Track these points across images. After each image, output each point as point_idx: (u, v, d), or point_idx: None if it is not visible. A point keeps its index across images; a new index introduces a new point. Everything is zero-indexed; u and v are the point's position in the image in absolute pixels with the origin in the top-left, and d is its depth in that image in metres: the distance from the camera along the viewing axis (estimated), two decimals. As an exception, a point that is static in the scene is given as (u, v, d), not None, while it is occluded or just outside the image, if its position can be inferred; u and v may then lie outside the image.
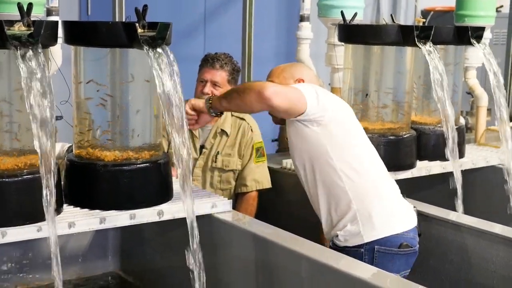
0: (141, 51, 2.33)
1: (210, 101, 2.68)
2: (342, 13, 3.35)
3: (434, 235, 3.00)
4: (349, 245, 2.60)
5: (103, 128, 2.59)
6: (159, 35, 2.34)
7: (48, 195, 2.10)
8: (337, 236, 2.64)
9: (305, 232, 2.67)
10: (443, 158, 3.49)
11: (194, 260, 2.35)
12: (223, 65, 3.41)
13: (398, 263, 2.63)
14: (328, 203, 2.67)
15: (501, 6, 5.90)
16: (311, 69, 3.05)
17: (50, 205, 2.10)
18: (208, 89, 3.38)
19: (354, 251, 2.57)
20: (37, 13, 2.66)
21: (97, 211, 2.47)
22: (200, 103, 2.71)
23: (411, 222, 2.72)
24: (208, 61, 3.42)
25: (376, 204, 2.64)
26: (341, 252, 2.51)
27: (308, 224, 3.07)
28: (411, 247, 2.66)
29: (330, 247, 2.65)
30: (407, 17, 7.36)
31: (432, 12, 6.94)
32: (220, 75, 3.40)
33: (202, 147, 3.47)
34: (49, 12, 3.08)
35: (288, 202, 3.52)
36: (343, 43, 3.47)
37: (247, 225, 2.64)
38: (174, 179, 2.72)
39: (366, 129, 2.97)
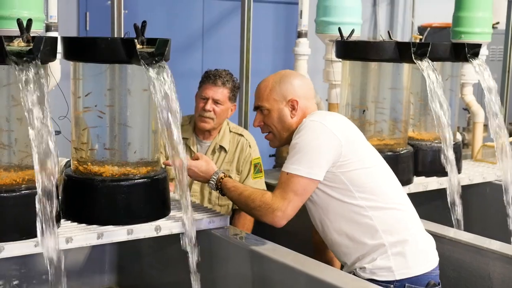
0: (140, 66, 2.34)
1: (220, 184, 2.62)
2: (339, 29, 3.38)
3: (431, 251, 3.00)
4: (377, 278, 2.49)
5: (101, 144, 2.60)
6: (158, 51, 2.36)
7: (46, 210, 2.10)
8: (362, 268, 2.53)
9: (302, 247, 2.67)
10: (440, 174, 3.52)
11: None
12: (225, 83, 3.41)
13: None
14: (354, 237, 2.54)
15: (497, 23, 5.94)
16: (302, 77, 2.74)
17: (48, 220, 2.11)
18: (209, 106, 3.38)
19: (382, 286, 2.46)
20: (37, 29, 2.68)
21: (95, 226, 2.47)
22: (210, 168, 2.66)
23: (436, 258, 2.65)
24: (210, 78, 3.42)
25: (408, 239, 2.54)
26: None
27: (305, 240, 3.08)
28: (437, 286, 2.58)
29: None
30: (404, 33, 7.40)
31: (429, 29, 6.98)
32: (222, 93, 3.40)
33: (200, 163, 3.47)
34: (48, 28, 3.09)
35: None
36: (340, 60, 3.49)
37: (244, 240, 2.65)
38: (171, 194, 2.73)
39: (363, 145, 2.97)
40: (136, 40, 2.37)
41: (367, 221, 2.52)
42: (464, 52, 3.40)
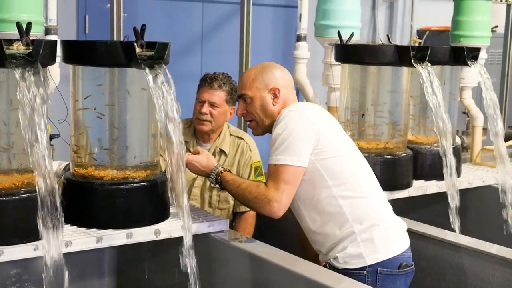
0: (139, 70, 2.34)
1: (220, 178, 2.68)
2: (339, 33, 3.37)
3: (431, 255, 3.00)
4: (350, 267, 2.57)
5: (100, 147, 2.59)
6: (157, 55, 2.36)
7: (46, 214, 2.10)
8: (335, 258, 2.61)
9: (304, 251, 2.67)
10: (439, 177, 3.51)
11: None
12: (222, 85, 3.41)
13: (398, 284, 2.62)
14: (325, 226, 2.62)
15: (496, 26, 5.94)
16: (283, 68, 2.80)
17: (48, 223, 2.10)
18: (206, 109, 3.38)
19: (356, 273, 2.54)
20: (36, 32, 2.67)
21: (94, 230, 2.47)
22: (210, 162, 2.72)
23: (407, 240, 2.71)
24: (207, 81, 3.43)
25: (376, 225, 2.61)
26: (341, 273, 2.49)
27: (299, 241, 3.07)
28: (409, 266, 2.66)
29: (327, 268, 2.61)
30: (403, 37, 7.40)
31: (428, 32, 6.99)
32: (218, 95, 3.40)
33: (200, 166, 3.47)
34: (47, 31, 3.09)
35: (286, 221, 3.51)
36: (340, 63, 3.49)
37: (243, 244, 2.64)
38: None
39: (362, 149, 2.98)
40: (135, 44, 2.37)
41: (339, 210, 2.60)
42: (463, 56, 3.40)
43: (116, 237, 2.47)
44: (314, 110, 2.72)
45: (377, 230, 2.60)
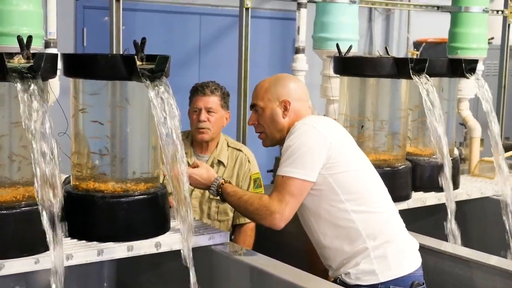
0: (140, 83, 2.34)
1: (221, 190, 2.68)
2: (337, 45, 3.39)
3: (431, 267, 3.00)
4: (362, 283, 2.54)
5: (101, 160, 2.59)
6: (158, 68, 2.36)
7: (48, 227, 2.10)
8: (347, 273, 2.58)
9: (304, 263, 2.66)
10: (438, 189, 3.52)
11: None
12: (214, 91, 3.44)
13: None
14: (337, 240, 2.60)
15: (492, 38, 5.96)
16: (297, 81, 2.86)
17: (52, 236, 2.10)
18: (203, 116, 3.39)
19: None
20: (36, 46, 2.68)
21: (95, 243, 2.47)
22: (210, 175, 2.71)
23: (419, 258, 2.69)
24: (198, 89, 3.46)
25: (390, 242, 2.59)
26: None
27: (306, 255, 3.07)
28: (421, 285, 2.63)
29: (337, 284, 2.57)
30: (400, 49, 7.43)
31: (424, 44, 7.01)
32: (213, 101, 3.42)
33: (198, 178, 3.46)
34: (47, 44, 3.10)
35: (286, 233, 3.50)
36: (338, 75, 3.50)
37: (244, 256, 2.64)
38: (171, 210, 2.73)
39: (361, 161, 2.97)
40: (136, 57, 2.38)
41: (351, 225, 2.58)
42: (461, 68, 3.42)
43: (117, 250, 2.47)
44: (328, 124, 2.71)
45: (391, 247, 2.58)
